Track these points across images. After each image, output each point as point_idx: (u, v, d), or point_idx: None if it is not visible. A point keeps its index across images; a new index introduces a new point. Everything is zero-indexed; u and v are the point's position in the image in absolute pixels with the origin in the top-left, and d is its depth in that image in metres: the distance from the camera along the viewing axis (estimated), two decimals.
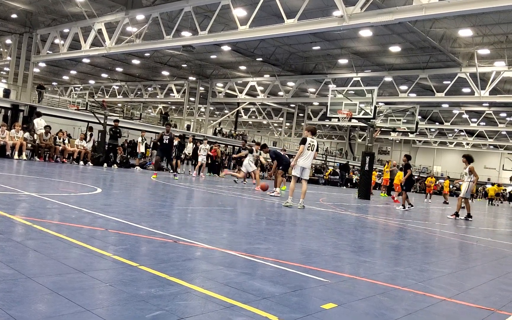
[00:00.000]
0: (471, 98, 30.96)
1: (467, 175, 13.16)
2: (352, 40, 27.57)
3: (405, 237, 7.73)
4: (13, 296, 2.42)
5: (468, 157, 13.46)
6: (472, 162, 13.38)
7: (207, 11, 23.17)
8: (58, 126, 24.57)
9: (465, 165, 13.29)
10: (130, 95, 51.82)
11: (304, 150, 10.10)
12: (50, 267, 3.07)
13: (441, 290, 3.91)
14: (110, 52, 26.33)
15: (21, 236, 3.96)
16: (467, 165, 13.19)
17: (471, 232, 10.13)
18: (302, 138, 10.34)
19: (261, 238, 5.48)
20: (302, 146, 10.10)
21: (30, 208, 5.58)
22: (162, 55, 37.09)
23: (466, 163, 13.28)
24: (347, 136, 65.49)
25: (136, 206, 7.37)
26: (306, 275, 3.76)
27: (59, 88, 60.14)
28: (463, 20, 22.07)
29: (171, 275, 3.18)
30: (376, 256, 5.41)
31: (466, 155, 13.78)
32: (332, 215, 9.95)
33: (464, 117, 46.03)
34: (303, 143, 10.14)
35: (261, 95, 40.83)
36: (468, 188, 13.16)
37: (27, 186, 8.13)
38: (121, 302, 2.57)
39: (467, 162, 13.27)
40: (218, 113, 63.59)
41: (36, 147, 17.24)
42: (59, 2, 25.82)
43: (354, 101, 19.18)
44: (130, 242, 4.21)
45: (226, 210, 8.31)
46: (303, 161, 10.14)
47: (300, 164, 10.15)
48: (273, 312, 2.69)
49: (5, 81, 37.22)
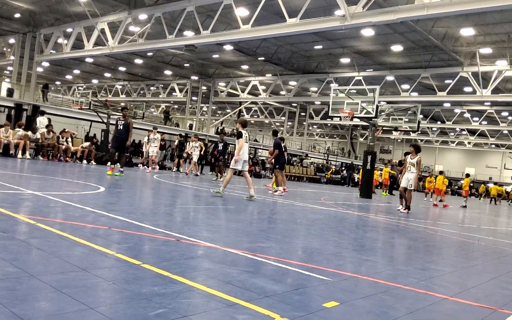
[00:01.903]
0: (473, 97, 30.85)
1: (414, 166, 12.44)
2: (354, 39, 27.54)
3: (406, 235, 7.74)
4: (17, 294, 2.44)
5: (416, 147, 12.73)
6: (420, 153, 12.72)
7: (210, 10, 23.17)
8: (61, 125, 24.63)
9: (413, 155, 12.56)
10: (133, 95, 51.89)
11: (243, 142, 10.35)
12: (54, 265, 3.10)
13: (442, 288, 3.92)
14: (113, 52, 26.37)
15: (25, 235, 3.99)
16: (414, 156, 12.52)
17: (472, 231, 10.13)
18: (238, 132, 10.43)
19: (263, 236, 5.50)
20: (241, 140, 10.31)
21: (33, 207, 5.61)
22: (164, 54, 37.13)
23: (414, 153, 12.57)
24: (349, 135, 65.42)
25: (139, 204, 7.39)
26: (308, 273, 3.77)
27: (62, 88, 60.23)
28: (465, 19, 22.02)
29: (173, 273, 3.20)
30: (377, 254, 5.42)
31: (414, 144, 13.00)
32: (334, 214, 9.96)
33: (465, 116, 45.92)
34: (240, 137, 10.31)
35: (263, 94, 40.83)
36: (414, 180, 12.41)
37: (30, 185, 8.17)
38: (124, 300, 2.59)
39: (415, 152, 12.58)
40: (220, 112, 63.63)
41: (40, 146, 17.30)
42: (62, 1, 25.87)
43: (356, 100, 19.17)
44: (133, 241, 4.23)
45: (228, 209, 8.33)
46: (245, 154, 10.45)
47: (243, 157, 10.39)
48: (275, 310, 2.71)
49: (9, 81, 37.30)
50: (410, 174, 12.48)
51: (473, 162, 62.67)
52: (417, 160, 12.41)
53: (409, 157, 12.70)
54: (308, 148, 56.80)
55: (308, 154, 50.05)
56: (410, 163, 12.54)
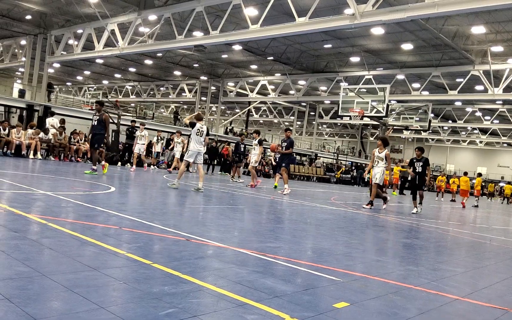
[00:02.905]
0: (484, 95, 30.53)
1: (383, 161, 11.85)
2: (364, 38, 27.40)
3: (417, 235, 7.68)
4: (29, 294, 2.46)
5: (384, 141, 12.15)
6: (388, 146, 12.25)
7: (219, 10, 23.21)
8: (72, 126, 24.85)
9: (381, 149, 11.99)
10: (143, 95, 52.16)
11: (194, 135, 10.76)
12: (65, 265, 3.12)
13: (454, 289, 3.89)
14: (123, 53, 26.52)
15: (37, 234, 4.03)
16: (382, 149, 11.96)
17: (484, 231, 10.03)
18: (191, 123, 10.96)
19: (273, 236, 5.50)
20: (193, 132, 10.78)
21: (45, 207, 5.66)
22: (174, 55, 37.27)
23: (381, 147, 12.00)
24: (359, 135, 65.09)
25: (149, 204, 7.43)
26: (317, 273, 3.76)
27: (73, 88, 60.75)
28: (476, 17, 21.80)
29: (183, 273, 3.21)
30: (388, 255, 5.39)
31: (382, 137, 12.50)
32: (344, 214, 9.92)
33: (477, 115, 45.46)
34: (192, 127, 10.79)
35: (272, 94, 40.79)
36: (382, 174, 11.85)
37: (42, 185, 8.25)
38: (135, 299, 2.60)
39: (383, 145, 12.02)
40: (229, 112, 63.70)
41: (51, 147, 17.46)
42: (73, 3, 26.08)
43: (366, 99, 19.11)
44: (143, 240, 4.25)
45: (237, 209, 8.34)
46: (198, 146, 10.78)
47: (194, 149, 10.77)
48: (285, 310, 2.71)
49: (20, 82, 37.69)
50: (377, 169, 11.93)
51: (485, 161, 62.02)
52: (385, 154, 11.87)
53: (377, 151, 12.08)
54: (317, 147, 56.64)
55: (317, 154, 49.91)
56: (378, 157, 11.96)
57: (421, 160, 12.16)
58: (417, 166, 12.10)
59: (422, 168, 12.05)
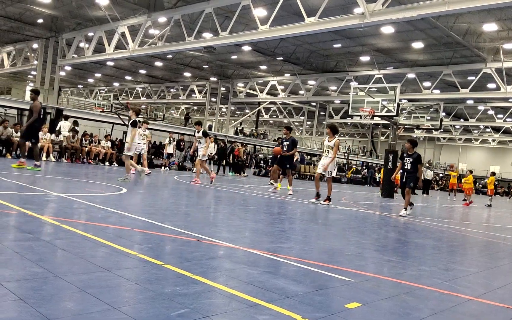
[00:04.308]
0: (496, 93, 30.20)
1: (332, 150, 10.81)
2: (374, 37, 27.26)
3: (429, 235, 7.61)
4: (43, 294, 2.49)
5: (333, 128, 11.14)
6: (337, 134, 11.20)
7: (228, 12, 23.26)
8: (83, 128, 25.07)
9: (330, 137, 10.95)
10: (154, 97, 52.49)
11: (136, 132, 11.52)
12: (78, 266, 3.15)
13: (467, 289, 3.85)
14: (133, 55, 26.74)
15: (50, 236, 4.07)
16: (332, 138, 10.91)
17: (497, 230, 9.91)
18: (133, 120, 11.36)
19: (284, 237, 5.49)
20: (135, 129, 11.33)
21: (58, 208, 5.72)
22: (184, 56, 37.44)
23: (331, 135, 10.97)
24: (369, 134, 64.74)
25: (160, 205, 7.46)
26: (329, 274, 3.75)
27: (84, 91, 61.32)
28: (488, 14, 21.56)
29: (195, 274, 3.22)
30: (400, 255, 5.35)
31: (330, 124, 11.50)
32: (355, 214, 9.87)
33: (489, 113, 44.97)
34: (135, 125, 11.28)
35: (281, 94, 40.78)
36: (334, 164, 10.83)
37: (54, 187, 8.33)
38: (147, 300, 2.62)
39: (332, 133, 10.97)
40: (239, 112, 63.81)
41: (63, 149, 17.64)
42: (84, 6, 26.34)
43: (376, 98, 18.99)
44: (154, 241, 4.27)
45: (248, 209, 8.34)
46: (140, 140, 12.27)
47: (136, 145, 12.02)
48: (296, 311, 2.70)
49: (33, 85, 38.15)
50: (326, 159, 10.88)
51: (497, 160, 61.29)
52: (334, 143, 10.81)
53: (327, 140, 11.07)
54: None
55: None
56: (328, 146, 10.92)
57: (412, 156, 10.30)
58: (406, 161, 10.33)
59: (411, 165, 10.25)
